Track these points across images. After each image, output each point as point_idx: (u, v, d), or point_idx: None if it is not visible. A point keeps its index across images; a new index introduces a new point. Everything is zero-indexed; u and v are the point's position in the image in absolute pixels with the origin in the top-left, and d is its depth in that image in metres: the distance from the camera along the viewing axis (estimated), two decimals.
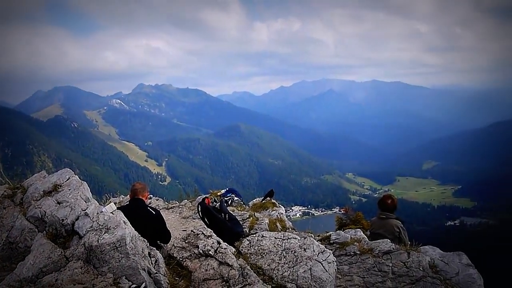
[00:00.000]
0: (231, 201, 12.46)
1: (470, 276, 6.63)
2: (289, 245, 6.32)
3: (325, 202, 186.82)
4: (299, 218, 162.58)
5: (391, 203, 8.54)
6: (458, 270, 6.73)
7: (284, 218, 10.98)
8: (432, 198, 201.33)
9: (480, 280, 6.69)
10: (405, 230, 8.40)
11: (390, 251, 7.01)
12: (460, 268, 6.77)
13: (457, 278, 6.60)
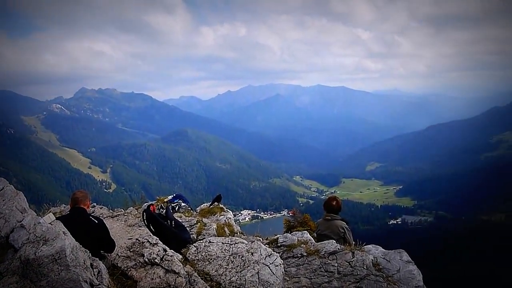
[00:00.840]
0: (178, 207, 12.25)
1: (410, 272, 6.93)
2: (236, 249, 6.30)
3: (273, 205, 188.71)
4: (248, 222, 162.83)
5: (336, 204, 8.77)
6: (399, 267, 7.01)
7: (232, 222, 10.95)
8: (375, 198, 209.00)
9: (420, 275, 7.00)
10: (350, 231, 8.64)
11: (336, 252, 7.18)
12: (401, 265, 7.05)
13: (399, 275, 6.87)
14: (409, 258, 7.27)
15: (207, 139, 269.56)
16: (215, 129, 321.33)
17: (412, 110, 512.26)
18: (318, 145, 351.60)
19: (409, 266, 7.06)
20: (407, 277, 6.83)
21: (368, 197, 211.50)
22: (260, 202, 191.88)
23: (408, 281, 6.77)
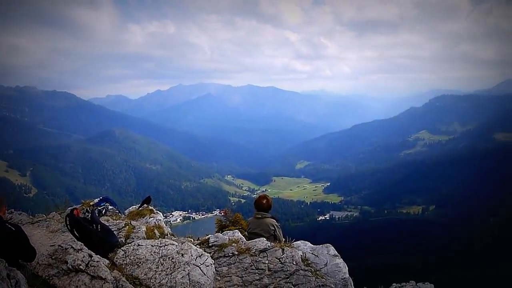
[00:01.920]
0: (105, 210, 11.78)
1: (337, 265, 7.23)
2: (166, 252, 6.19)
3: (205, 205, 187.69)
4: (180, 223, 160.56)
5: (266, 203, 8.91)
6: (327, 261, 7.29)
7: (162, 224, 10.73)
8: (305, 195, 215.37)
9: (345, 268, 7.33)
10: (280, 228, 8.82)
11: (266, 249, 7.30)
12: (328, 259, 7.33)
13: (326, 269, 7.13)
14: (336, 252, 7.59)
15: (136, 139, 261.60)
16: (144, 129, 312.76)
17: (338, 110, 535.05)
18: (249, 145, 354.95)
19: (336, 259, 7.36)
20: (334, 270, 7.11)
21: (298, 195, 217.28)
22: (191, 202, 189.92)
23: (335, 274, 7.05)
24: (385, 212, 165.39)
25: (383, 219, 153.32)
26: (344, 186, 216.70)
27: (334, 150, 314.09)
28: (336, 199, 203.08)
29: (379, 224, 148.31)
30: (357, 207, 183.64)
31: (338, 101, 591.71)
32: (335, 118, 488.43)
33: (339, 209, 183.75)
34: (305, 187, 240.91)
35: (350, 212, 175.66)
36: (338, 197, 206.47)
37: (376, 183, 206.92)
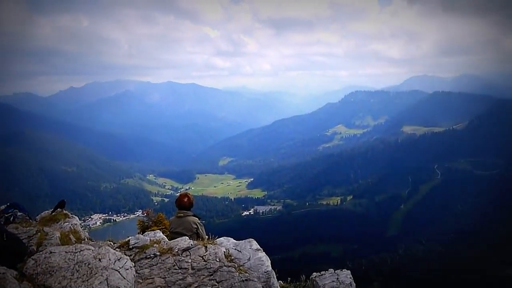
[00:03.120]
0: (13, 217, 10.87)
1: (259, 259, 7.32)
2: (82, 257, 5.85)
3: (127, 206, 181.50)
4: (100, 226, 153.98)
5: (187, 201, 8.81)
6: (250, 255, 7.35)
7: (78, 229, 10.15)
8: (229, 191, 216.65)
9: (268, 261, 7.45)
10: (203, 225, 8.76)
11: (189, 248, 7.20)
12: (251, 254, 7.41)
13: (249, 263, 7.20)
14: (258, 246, 7.70)
15: (49, 140, 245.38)
16: (57, 129, 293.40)
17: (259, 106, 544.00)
18: (171, 142, 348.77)
19: (258, 253, 7.45)
20: (257, 264, 7.20)
21: (222, 191, 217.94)
22: (112, 204, 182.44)
23: (258, 268, 7.14)
24: (306, 204, 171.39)
25: (305, 211, 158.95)
26: (267, 181, 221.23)
27: (256, 146, 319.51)
28: (260, 194, 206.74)
29: (302, 216, 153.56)
30: (280, 201, 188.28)
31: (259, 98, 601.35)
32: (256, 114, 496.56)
33: (263, 203, 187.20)
34: (229, 183, 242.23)
35: (274, 206, 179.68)
36: (261, 192, 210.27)
37: (297, 176, 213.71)
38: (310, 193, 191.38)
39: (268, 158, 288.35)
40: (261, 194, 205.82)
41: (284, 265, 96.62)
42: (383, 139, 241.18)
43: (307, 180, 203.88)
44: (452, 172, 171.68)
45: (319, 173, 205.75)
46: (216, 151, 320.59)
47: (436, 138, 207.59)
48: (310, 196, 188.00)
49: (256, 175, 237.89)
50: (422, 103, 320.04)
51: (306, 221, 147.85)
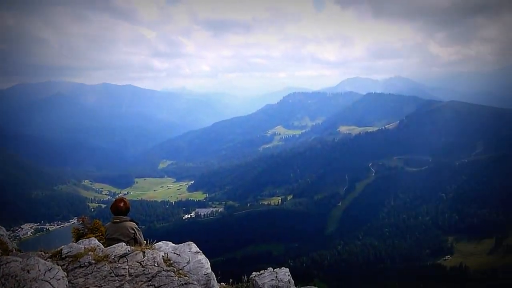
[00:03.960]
0: None
1: (199, 262, 7.29)
2: (9, 270, 5.51)
3: (61, 214, 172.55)
4: (31, 236, 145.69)
5: (123, 206, 8.54)
6: (189, 258, 7.30)
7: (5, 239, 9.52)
8: (169, 195, 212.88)
9: (208, 263, 7.44)
10: (140, 230, 8.55)
11: (126, 254, 7.00)
12: (191, 257, 7.36)
13: (189, 266, 7.15)
14: (197, 248, 7.66)
15: None
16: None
17: (199, 108, 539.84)
18: (107, 146, 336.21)
19: (198, 256, 7.42)
20: (196, 267, 7.17)
21: (162, 195, 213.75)
22: (44, 212, 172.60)
23: (197, 271, 7.11)
24: (248, 205, 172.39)
25: (247, 212, 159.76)
26: (208, 183, 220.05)
27: (197, 148, 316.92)
28: (201, 196, 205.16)
29: (243, 217, 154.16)
30: (222, 203, 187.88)
31: (198, 99, 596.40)
32: (196, 116, 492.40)
33: (204, 206, 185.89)
34: (169, 186, 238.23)
35: (215, 208, 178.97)
36: (202, 194, 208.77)
37: (238, 178, 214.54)
38: (251, 194, 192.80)
39: (209, 160, 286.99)
40: (202, 197, 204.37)
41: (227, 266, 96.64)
42: (320, 139, 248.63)
43: (248, 181, 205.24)
44: (385, 169, 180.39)
45: (259, 173, 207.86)
46: (156, 154, 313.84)
47: (370, 138, 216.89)
48: (251, 197, 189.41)
49: (196, 178, 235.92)
50: (356, 104, 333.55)
51: (247, 222, 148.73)
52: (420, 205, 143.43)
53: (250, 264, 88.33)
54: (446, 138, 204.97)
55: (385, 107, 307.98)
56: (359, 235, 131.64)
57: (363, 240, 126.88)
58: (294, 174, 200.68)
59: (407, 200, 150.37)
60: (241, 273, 11.38)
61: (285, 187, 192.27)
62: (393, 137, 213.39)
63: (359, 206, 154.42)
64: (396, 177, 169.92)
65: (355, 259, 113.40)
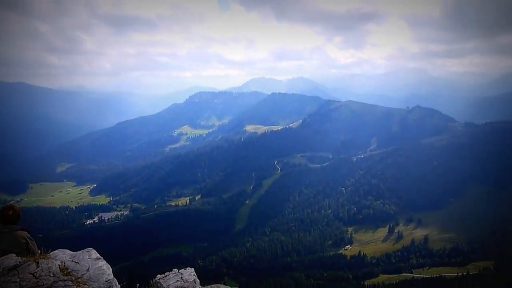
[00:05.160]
0: None
1: (99, 268, 6.98)
2: None
3: None
4: None
5: (12, 214, 7.82)
6: (89, 266, 6.95)
7: None
8: (69, 200, 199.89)
9: (109, 269, 7.15)
10: (33, 240, 7.93)
11: (17, 266, 6.46)
12: (90, 264, 7.01)
13: (88, 274, 6.80)
14: (98, 255, 7.31)
15: None
16: None
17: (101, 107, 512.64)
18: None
19: (99, 262, 7.09)
20: (97, 274, 6.86)
21: (61, 200, 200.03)
22: None
23: (98, 278, 6.81)
24: (155, 207, 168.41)
25: (154, 214, 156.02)
26: (112, 186, 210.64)
27: (99, 150, 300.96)
28: (105, 200, 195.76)
29: (151, 220, 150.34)
30: (127, 206, 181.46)
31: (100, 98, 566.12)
32: (97, 115, 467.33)
33: (109, 210, 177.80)
34: (69, 191, 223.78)
35: (120, 212, 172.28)
36: (106, 198, 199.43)
37: (144, 179, 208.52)
38: (158, 195, 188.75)
39: (112, 161, 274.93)
40: (106, 200, 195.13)
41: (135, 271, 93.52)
42: (227, 138, 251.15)
43: (154, 183, 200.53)
44: (290, 167, 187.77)
45: (166, 174, 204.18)
46: (53, 157, 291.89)
47: (275, 136, 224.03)
48: (159, 198, 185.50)
49: (99, 181, 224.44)
50: (261, 103, 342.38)
51: (155, 224, 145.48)
52: (322, 199, 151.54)
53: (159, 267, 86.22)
54: (344, 135, 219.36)
55: (288, 107, 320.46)
56: (266, 231, 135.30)
57: (270, 235, 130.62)
58: (202, 174, 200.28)
59: (310, 195, 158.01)
60: (149, 277, 11.12)
61: (193, 187, 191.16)
62: (296, 135, 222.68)
63: (266, 203, 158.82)
64: (300, 174, 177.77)
65: (264, 254, 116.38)
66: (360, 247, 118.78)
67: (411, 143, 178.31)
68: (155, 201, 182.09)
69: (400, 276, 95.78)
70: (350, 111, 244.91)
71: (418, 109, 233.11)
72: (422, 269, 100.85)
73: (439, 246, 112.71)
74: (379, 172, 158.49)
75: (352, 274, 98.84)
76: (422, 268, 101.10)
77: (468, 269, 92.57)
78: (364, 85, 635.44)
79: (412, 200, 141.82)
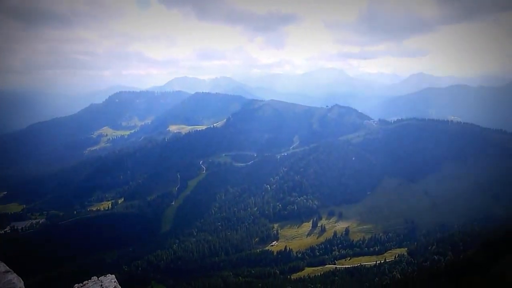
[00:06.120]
0: None
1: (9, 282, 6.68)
2: None
3: None
4: None
5: None
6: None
7: None
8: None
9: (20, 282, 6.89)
10: None
11: None
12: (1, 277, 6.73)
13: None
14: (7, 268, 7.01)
15: None
16: None
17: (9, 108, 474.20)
18: None
19: (8, 276, 6.80)
20: None
21: None
22: None
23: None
24: (75, 213, 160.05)
25: (74, 221, 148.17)
26: (25, 193, 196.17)
27: (9, 154, 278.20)
28: (17, 208, 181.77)
29: (70, 227, 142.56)
30: (43, 213, 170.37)
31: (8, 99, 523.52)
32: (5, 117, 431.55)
33: (22, 218, 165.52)
34: None
35: (36, 220, 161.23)
36: (19, 206, 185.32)
37: (61, 184, 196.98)
38: (77, 200, 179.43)
39: (25, 166, 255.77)
40: (19, 208, 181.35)
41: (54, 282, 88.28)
42: (151, 138, 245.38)
43: (73, 187, 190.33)
44: (215, 166, 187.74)
45: (86, 178, 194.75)
46: None
47: (199, 136, 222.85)
48: (78, 204, 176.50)
49: (10, 188, 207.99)
50: (185, 103, 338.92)
51: (75, 231, 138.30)
52: (248, 197, 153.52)
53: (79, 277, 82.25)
54: (268, 134, 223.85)
55: (212, 106, 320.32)
56: (193, 231, 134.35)
57: (197, 236, 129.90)
58: (125, 176, 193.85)
59: (236, 193, 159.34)
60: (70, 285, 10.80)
61: (116, 190, 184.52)
62: (221, 134, 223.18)
63: (192, 203, 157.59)
64: (225, 173, 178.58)
65: (191, 255, 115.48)
66: (286, 242, 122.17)
67: (330, 140, 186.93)
68: (75, 207, 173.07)
69: (324, 268, 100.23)
70: (273, 110, 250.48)
71: (337, 107, 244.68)
72: (344, 259, 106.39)
73: (359, 237, 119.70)
74: (302, 168, 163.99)
75: (279, 269, 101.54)
76: (344, 259, 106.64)
77: (385, 257, 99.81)
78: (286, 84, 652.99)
79: (333, 194, 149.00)
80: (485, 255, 43.39)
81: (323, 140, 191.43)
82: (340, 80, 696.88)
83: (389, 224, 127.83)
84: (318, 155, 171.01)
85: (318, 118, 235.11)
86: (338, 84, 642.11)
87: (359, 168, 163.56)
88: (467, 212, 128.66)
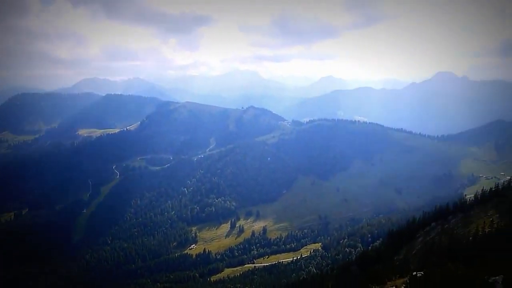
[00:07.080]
0: None
1: None
2: None
3: None
4: None
5: None
6: None
7: None
8: None
9: None
10: None
11: None
12: None
13: None
14: None
15: None
16: None
17: None
18: None
19: None
20: None
21: None
22: None
23: None
24: None
25: None
26: None
27: None
28: None
29: None
30: None
31: None
32: None
33: None
34: None
35: None
36: None
37: None
38: None
39: None
40: None
41: None
42: (58, 143, 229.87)
43: None
44: (130, 170, 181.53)
45: None
46: None
47: (112, 139, 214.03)
48: None
49: None
50: (95, 105, 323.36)
51: None
52: (165, 201, 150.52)
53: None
54: (184, 136, 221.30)
55: (125, 108, 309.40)
56: (107, 239, 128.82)
57: (112, 244, 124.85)
58: (29, 185, 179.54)
59: (152, 198, 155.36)
60: None
61: (18, 200, 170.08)
62: (135, 138, 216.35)
63: (105, 210, 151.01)
64: (140, 177, 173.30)
65: (106, 264, 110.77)
66: (205, 245, 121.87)
67: (246, 141, 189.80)
68: None
69: (243, 268, 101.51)
70: (189, 111, 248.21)
71: (252, 109, 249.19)
72: (262, 258, 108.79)
73: (276, 235, 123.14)
74: (219, 170, 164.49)
75: (199, 273, 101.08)
76: (262, 258, 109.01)
77: (301, 253, 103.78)
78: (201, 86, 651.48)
79: (250, 194, 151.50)
80: (390, 244, 47.05)
81: (239, 141, 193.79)
82: (255, 82, 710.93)
83: (304, 221, 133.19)
84: (234, 156, 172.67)
85: (234, 120, 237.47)
86: (253, 86, 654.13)
87: (275, 168, 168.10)
88: (374, 206, 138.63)
